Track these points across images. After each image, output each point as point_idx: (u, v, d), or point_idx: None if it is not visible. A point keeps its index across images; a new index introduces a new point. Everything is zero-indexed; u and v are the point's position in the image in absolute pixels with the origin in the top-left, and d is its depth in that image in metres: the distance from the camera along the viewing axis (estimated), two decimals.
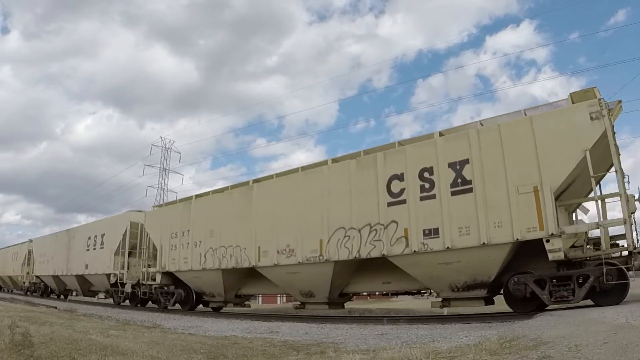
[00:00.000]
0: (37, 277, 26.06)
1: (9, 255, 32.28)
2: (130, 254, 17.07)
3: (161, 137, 73.69)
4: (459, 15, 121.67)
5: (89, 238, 19.84)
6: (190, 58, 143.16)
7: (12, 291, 33.75)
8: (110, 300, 18.98)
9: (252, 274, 12.41)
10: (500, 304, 9.01)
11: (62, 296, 24.43)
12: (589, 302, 7.37)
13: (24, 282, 28.74)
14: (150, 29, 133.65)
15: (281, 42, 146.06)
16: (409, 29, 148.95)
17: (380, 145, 10.26)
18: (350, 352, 5.11)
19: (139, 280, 16.25)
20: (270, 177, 12.52)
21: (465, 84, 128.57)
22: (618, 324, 4.71)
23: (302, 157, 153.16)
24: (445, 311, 10.82)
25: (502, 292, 8.52)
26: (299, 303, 11.42)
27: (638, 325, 4.50)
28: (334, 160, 10.81)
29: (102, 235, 18.76)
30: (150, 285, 15.54)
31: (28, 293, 28.09)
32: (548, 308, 7.88)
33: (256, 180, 12.70)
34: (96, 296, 20.49)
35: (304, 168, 11.58)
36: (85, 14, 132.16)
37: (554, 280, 7.56)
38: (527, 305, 7.96)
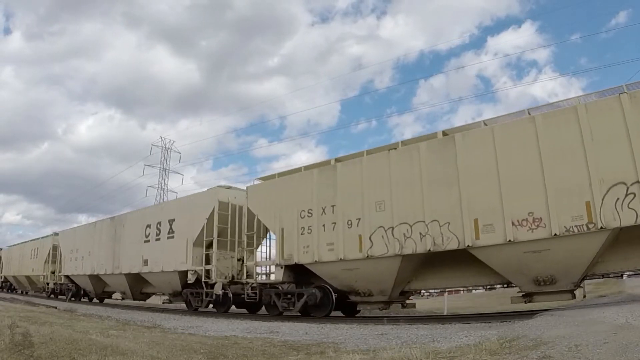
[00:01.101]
0: (67, 277, 21.79)
1: (27, 252, 27.80)
2: (209, 244, 13.35)
3: (161, 137, 73.64)
4: (460, 16, 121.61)
5: (148, 226, 15.87)
6: (192, 59, 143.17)
7: (25, 293, 30.01)
8: (171, 305, 16.53)
9: (428, 261, 9.35)
10: (503, 303, 9.01)
11: (96, 299, 21.21)
12: (589, 302, 7.38)
13: (46, 283, 24.49)
14: (152, 30, 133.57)
15: (283, 43, 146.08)
16: (411, 30, 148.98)
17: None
18: (350, 352, 5.11)
19: (232, 278, 13.04)
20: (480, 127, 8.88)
21: (466, 85, 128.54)
22: (618, 324, 4.71)
23: (303, 157, 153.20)
24: (445, 311, 10.83)
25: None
26: (522, 294, 8.24)
27: (638, 325, 4.50)
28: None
29: (171, 222, 14.81)
30: (252, 284, 12.02)
31: (52, 296, 23.91)
32: (547, 308, 7.87)
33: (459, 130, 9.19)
34: (162, 300, 17.07)
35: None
36: (88, 15, 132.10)
37: None
38: None
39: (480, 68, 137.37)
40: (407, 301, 10.25)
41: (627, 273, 8.76)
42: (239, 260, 13.20)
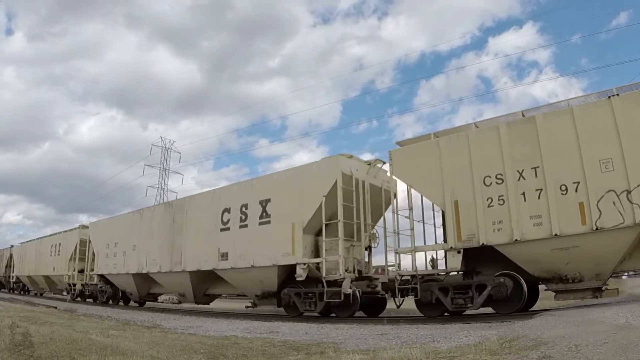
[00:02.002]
0: (101, 276, 18.59)
1: (46, 248, 24.32)
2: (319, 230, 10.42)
3: (161, 137, 73.67)
4: (461, 17, 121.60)
5: (226, 211, 12.50)
6: (194, 59, 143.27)
7: (40, 295, 26.93)
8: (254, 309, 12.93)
9: None
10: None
11: (135, 302, 17.87)
12: (589, 302, 7.38)
13: (71, 284, 21.13)
14: (153, 31, 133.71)
15: (284, 44, 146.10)
16: (412, 31, 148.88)
17: None
18: (350, 352, 5.11)
19: (360, 272, 10.52)
20: None
21: (467, 85, 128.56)
22: (618, 324, 4.71)
23: (304, 157, 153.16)
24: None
25: None
26: None
27: (638, 325, 4.50)
28: None
29: (264, 203, 11.57)
30: (402, 277, 9.41)
31: (78, 298, 20.64)
32: (547, 308, 7.86)
33: None
34: (248, 305, 12.92)
35: None
36: (89, 16, 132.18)
37: None
38: None
39: (481, 68, 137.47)
40: (608, 287, 8.12)
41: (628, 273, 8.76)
42: (365, 249, 10.73)
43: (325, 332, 7.76)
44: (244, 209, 12.12)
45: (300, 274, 10.40)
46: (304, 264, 10.38)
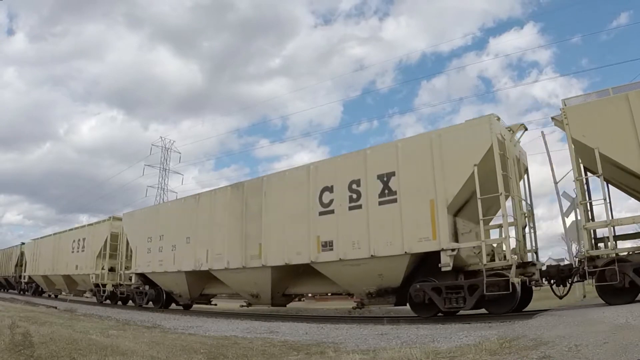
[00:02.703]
0: (141, 275, 15.73)
1: (66, 244, 21.30)
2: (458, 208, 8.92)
3: (161, 137, 73.57)
4: (462, 17, 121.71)
5: (327, 189, 10.27)
6: (194, 60, 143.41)
7: (55, 296, 24.33)
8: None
9: None
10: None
11: (179, 305, 15.48)
12: (589, 302, 7.38)
13: (98, 285, 18.09)
14: (154, 31, 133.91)
15: (285, 45, 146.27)
16: (413, 32, 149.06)
17: None
18: (350, 352, 5.11)
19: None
20: None
21: (467, 86, 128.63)
22: (618, 324, 4.71)
23: (305, 157, 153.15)
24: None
25: None
26: None
27: (638, 325, 4.50)
28: None
29: (386, 178, 9.39)
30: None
31: (108, 301, 18.44)
32: (547, 308, 7.87)
33: None
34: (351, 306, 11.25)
35: None
36: (90, 17, 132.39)
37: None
38: None
39: (482, 69, 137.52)
40: None
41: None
42: (523, 228, 9.04)
43: (325, 332, 7.76)
44: (354, 187, 9.74)
45: (447, 262, 8.35)
46: (452, 250, 8.33)
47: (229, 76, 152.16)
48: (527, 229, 9.26)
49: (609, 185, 8.87)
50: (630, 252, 7.67)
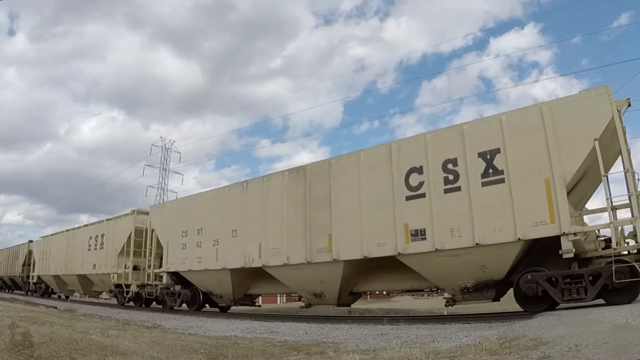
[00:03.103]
0: (174, 274, 14.13)
1: (81, 241, 19.30)
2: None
3: (161, 137, 73.57)
4: (463, 18, 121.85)
5: (415, 171, 9.04)
6: (195, 60, 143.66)
7: (66, 297, 22.49)
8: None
9: None
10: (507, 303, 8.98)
11: (210, 306, 14.35)
12: (589, 302, 7.37)
13: (124, 285, 16.25)
14: (154, 32, 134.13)
15: (286, 45, 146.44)
16: (414, 32, 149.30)
17: None
18: (350, 352, 5.11)
19: None
20: None
21: (468, 86, 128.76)
22: (618, 324, 4.71)
23: (306, 158, 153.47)
24: (445, 311, 10.75)
25: None
26: None
27: (638, 325, 4.50)
28: None
29: (489, 156, 8.28)
30: None
31: (131, 303, 16.72)
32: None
33: None
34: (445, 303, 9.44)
35: None
36: (91, 17, 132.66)
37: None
38: None
39: (483, 69, 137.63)
40: None
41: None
42: None
43: (325, 332, 7.77)
44: (450, 166, 8.64)
45: (569, 248, 7.39)
46: (575, 234, 7.37)
47: (229, 76, 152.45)
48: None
49: None
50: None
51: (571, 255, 7.40)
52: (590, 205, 9.16)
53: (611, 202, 7.55)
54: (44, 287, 24.78)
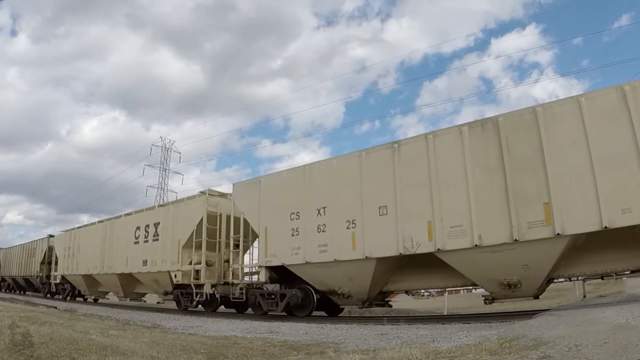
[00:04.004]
0: (275, 268, 11.26)
1: (125, 232, 16.37)
2: None
3: (161, 137, 73.63)
4: (464, 19, 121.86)
5: None
6: (196, 61, 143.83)
7: (95, 300, 20.69)
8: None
9: None
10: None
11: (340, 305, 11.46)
12: (589, 302, 7.38)
13: (194, 285, 13.14)
14: (156, 33, 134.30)
15: (287, 46, 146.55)
16: (415, 33, 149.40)
17: None
18: (350, 352, 5.11)
19: None
20: None
21: (469, 87, 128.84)
22: (618, 324, 4.71)
23: (307, 158, 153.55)
24: (445, 311, 10.75)
25: None
26: None
27: (638, 325, 4.50)
28: None
29: None
30: None
31: (200, 307, 13.80)
32: (547, 308, 7.85)
33: None
34: None
35: None
36: (93, 18, 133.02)
37: None
38: None
39: (483, 70, 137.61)
40: None
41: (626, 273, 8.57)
42: None
43: (325, 332, 7.76)
44: None
45: None
46: None
47: (230, 77, 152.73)
48: None
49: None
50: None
51: None
52: None
53: None
54: (69, 289, 21.24)
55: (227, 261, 13.20)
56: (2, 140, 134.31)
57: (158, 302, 17.83)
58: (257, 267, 11.79)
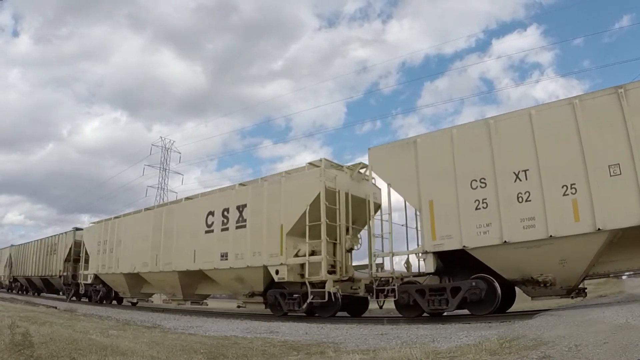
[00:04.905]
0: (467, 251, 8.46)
1: (191, 219, 13.43)
2: None
3: (161, 137, 73.56)
4: (466, 20, 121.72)
5: None
6: (198, 61, 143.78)
7: (133, 304, 17.90)
8: None
9: None
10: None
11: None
12: (589, 302, 7.39)
13: (308, 285, 10.24)
14: (157, 33, 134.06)
15: (288, 47, 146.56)
16: (416, 34, 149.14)
17: None
18: (350, 352, 5.11)
19: None
20: None
21: (470, 87, 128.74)
22: (618, 324, 4.71)
23: (308, 158, 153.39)
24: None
25: None
26: None
27: (638, 325, 4.50)
28: None
29: None
30: None
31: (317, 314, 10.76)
32: (547, 308, 7.87)
33: None
34: None
35: None
36: (95, 19, 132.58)
37: None
38: None
39: (484, 71, 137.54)
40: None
41: (627, 273, 8.61)
42: None
43: (325, 332, 7.76)
44: None
45: None
46: None
47: (231, 77, 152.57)
48: None
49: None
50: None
51: None
52: None
53: None
54: (104, 291, 18.28)
55: (350, 250, 10.73)
56: (3, 141, 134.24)
57: (239, 307, 14.35)
58: (420, 254, 8.98)
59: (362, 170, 11.41)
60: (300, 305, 10.39)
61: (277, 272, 10.77)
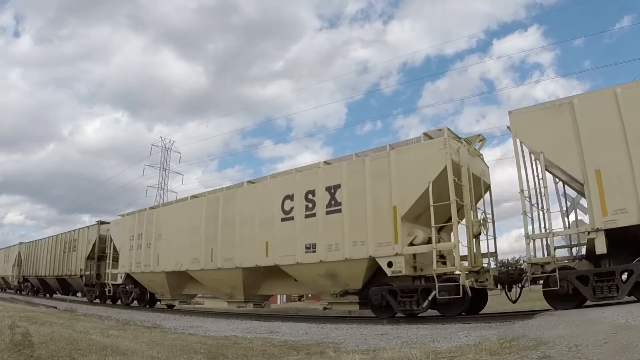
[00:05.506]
0: None
1: (255, 205, 11.42)
2: None
3: (161, 137, 73.56)
4: (467, 20, 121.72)
5: None
6: (199, 62, 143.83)
7: (170, 307, 15.55)
8: None
9: None
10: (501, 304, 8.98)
11: None
12: (588, 302, 7.39)
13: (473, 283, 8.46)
14: (158, 34, 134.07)
15: (289, 47, 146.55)
16: (417, 34, 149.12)
17: None
18: (350, 352, 5.11)
19: None
20: None
21: (471, 87, 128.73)
22: (618, 324, 4.71)
23: (308, 158, 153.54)
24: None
25: None
26: None
27: (638, 325, 4.50)
28: None
29: None
30: None
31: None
32: (547, 308, 7.87)
33: None
34: None
35: None
36: (96, 19, 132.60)
37: None
38: None
39: (485, 71, 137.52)
40: None
41: None
42: None
43: (325, 332, 7.76)
44: None
45: None
46: None
47: (232, 78, 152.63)
48: None
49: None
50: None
51: None
52: None
53: None
54: (137, 292, 15.88)
55: (477, 235, 9.22)
56: (4, 141, 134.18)
57: (325, 308, 12.11)
58: (586, 232, 7.49)
59: (478, 146, 9.85)
60: (420, 303, 8.68)
61: (389, 264, 8.82)
